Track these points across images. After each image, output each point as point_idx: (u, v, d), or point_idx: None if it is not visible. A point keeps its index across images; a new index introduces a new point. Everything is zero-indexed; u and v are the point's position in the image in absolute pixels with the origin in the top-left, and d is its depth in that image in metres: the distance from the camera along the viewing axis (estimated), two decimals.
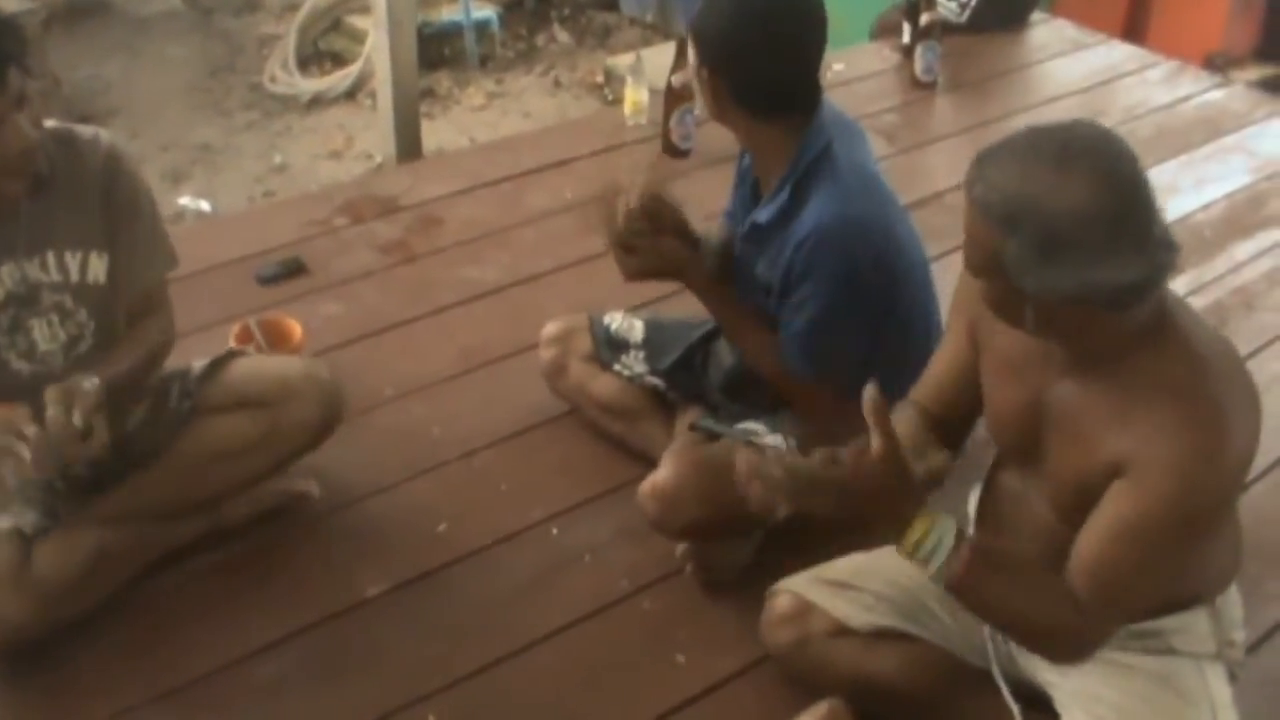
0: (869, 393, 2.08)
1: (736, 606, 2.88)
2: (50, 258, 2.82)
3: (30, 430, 2.60)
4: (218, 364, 3.10)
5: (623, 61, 6.54)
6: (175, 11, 8.43)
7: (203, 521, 3.09)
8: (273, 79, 7.37)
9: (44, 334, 2.86)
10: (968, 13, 5.72)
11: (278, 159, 6.58)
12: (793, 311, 2.78)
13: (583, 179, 4.48)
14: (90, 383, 2.66)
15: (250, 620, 2.92)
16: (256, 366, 3.15)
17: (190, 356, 3.11)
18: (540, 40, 7.69)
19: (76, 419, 2.61)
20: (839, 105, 2.95)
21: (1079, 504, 2.13)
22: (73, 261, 2.84)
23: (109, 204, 2.85)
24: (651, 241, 2.92)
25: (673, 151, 4.63)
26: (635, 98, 4.91)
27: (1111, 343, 2.08)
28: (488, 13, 7.57)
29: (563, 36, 7.71)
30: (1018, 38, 5.93)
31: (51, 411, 2.60)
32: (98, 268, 2.87)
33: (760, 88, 2.75)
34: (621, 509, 3.12)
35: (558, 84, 7.21)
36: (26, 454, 2.60)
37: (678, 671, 2.80)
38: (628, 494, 3.03)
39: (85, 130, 2.86)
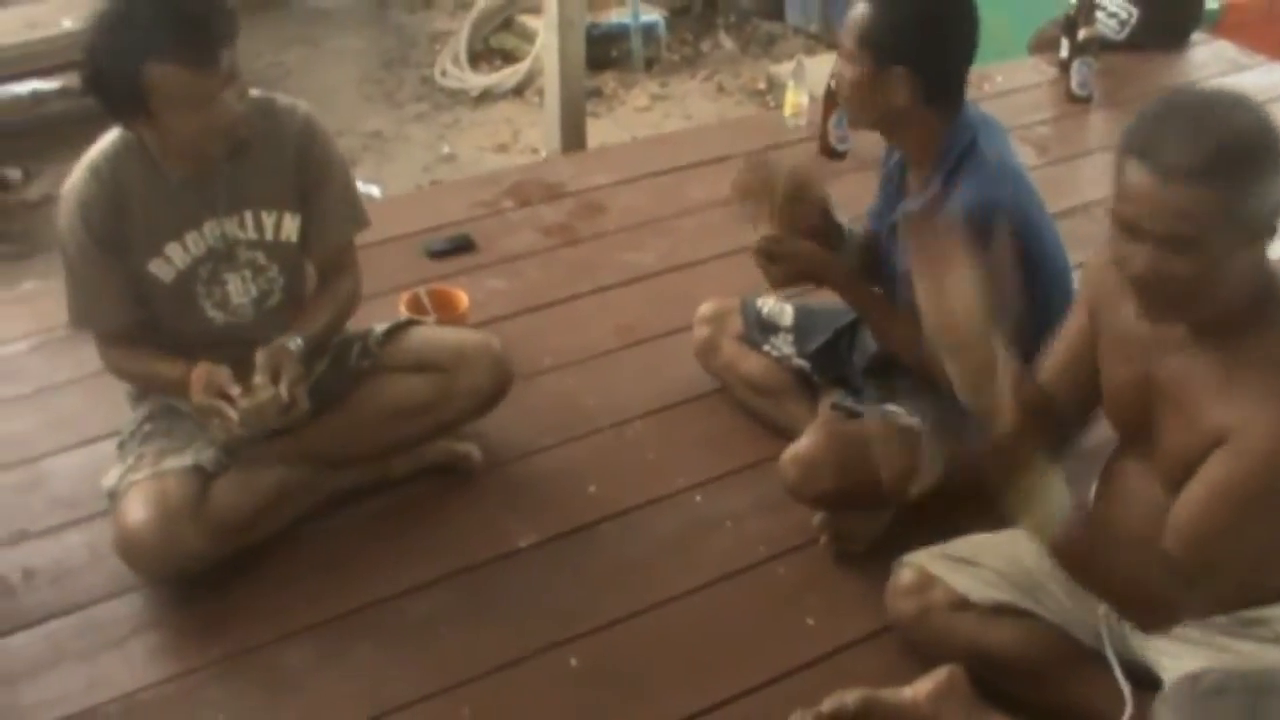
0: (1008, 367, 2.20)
1: (865, 577, 3.01)
2: (248, 216, 3.06)
3: (235, 391, 2.86)
4: (399, 328, 3.33)
5: (785, 69, 6.69)
6: (353, 5, 8.75)
7: (371, 472, 3.31)
8: (444, 73, 7.64)
9: (238, 287, 3.11)
10: (1127, 30, 5.74)
11: (446, 149, 6.84)
12: None
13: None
14: (296, 345, 2.92)
15: (408, 562, 3.14)
16: (435, 334, 3.38)
17: (364, 321, 3.33)
18: (705, 46, 7.85)
19: (283, 390, 2.86)
20: (996, 116, 3.09)
21: (1187, 479, 2.23)
22: (268, 220, 3.08)
23: (304, 168, 3.09)
24: (793, 249, 3.06)
25: (830, 153, 4.77)
26: (795, 100, 5.06)
27: (1222, 315, 2.19)
28: (655, 17, 7.75)
29: (727, 43, 7.86)
30: (1177, 57, 5.92)
31: (259, 379, 2.87)
32: (290, 227, 3.11)
33: (950, 81, 2.90)
34: (762, 482, 3.28)
35: (721, 89, 7.37)
36: (233, 414, 2.86)
37: (806, 633, 2.94)
38: (769, 468, 3.19)
39: (284, 99, 3.11)
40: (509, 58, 7.70)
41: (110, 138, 3.01)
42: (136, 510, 2.97)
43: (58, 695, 2.85)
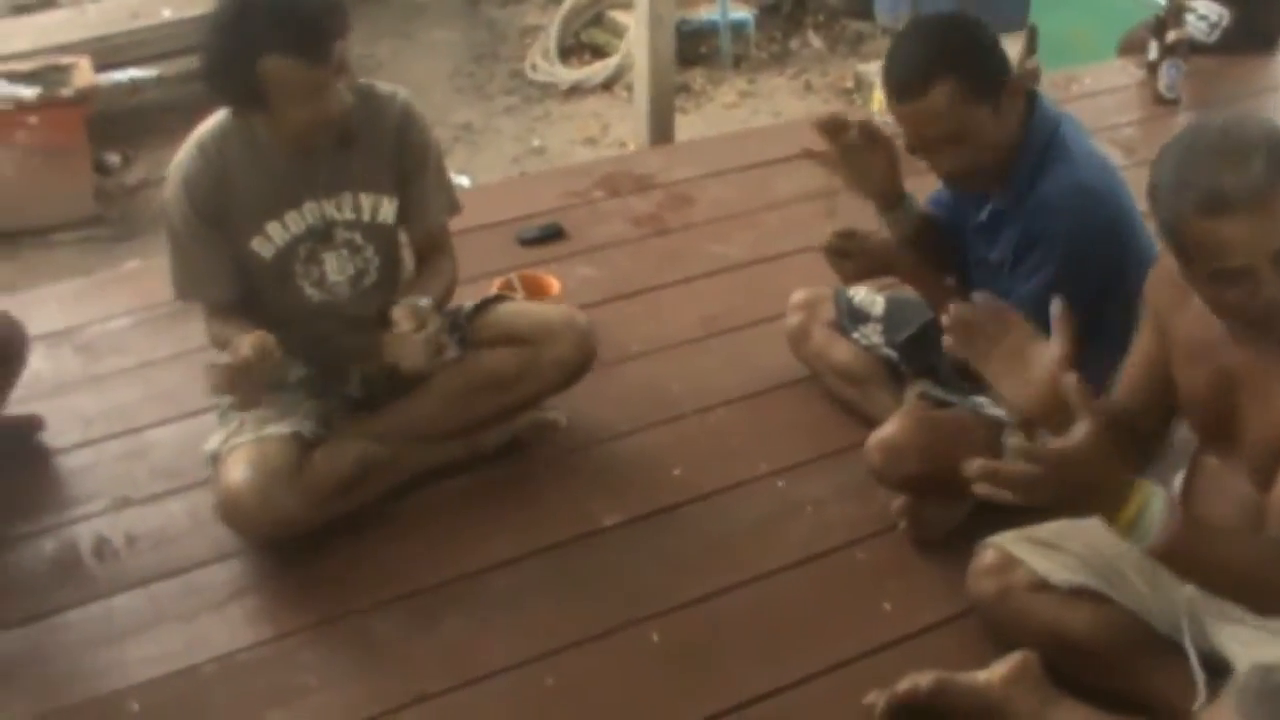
0: (1071, 380, 2.21)
1: (944, 563, 3.06)
2: (346, 198, 3.17)
3: (245, 355, 2.93)
4: (486, 304, 3.43)
5: (873, 68, 6.73)
6: None
7: (461, 446, 3.41)
8: (534, 67, 7.74)
9: (334, 266, 3.22)
10: (1218, 33, 5.71)
11: (535, 142, 6.93)
12: (1022, 279, 2.92)
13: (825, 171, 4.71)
14: (426, 303, 3.01)
15: (496, 537, 3.24)
16: (521, 308, 3.48)
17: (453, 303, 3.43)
18: (794, 44, 7.90)
19: (431, 328, 3.00)
20: (1082, 117, 3.13)
21: (1277, 464, 2.24)
22: (366, 202, 3.19)
23: (401, 153, 3.20)
24: (863, 245, 3.12)
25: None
26: (884, 98, 5.10)
27: None
28: (744, 14, 7.81)
29: (816, 41, 7.90)
30: (1268, 61, 5.91)
31: (405, 327, 2.99)
32: (387, 210, 3.21)
33: (1007, 83, 2.93)
34: (846, 469, 3.35)
35: (808, 87, 7.41)
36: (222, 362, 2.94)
37: (884, 617, 3.00)
38: (853, 456, 3.26)
39: (383, 87, 3.21)
40: (598, 52, 7.78)
41: (218, 117, 3.12)
42: (238, 471, 3.08)
43: (159, 653, 2.97)
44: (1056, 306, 2.29)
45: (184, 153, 3.13)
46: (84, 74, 6.55)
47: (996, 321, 2.40)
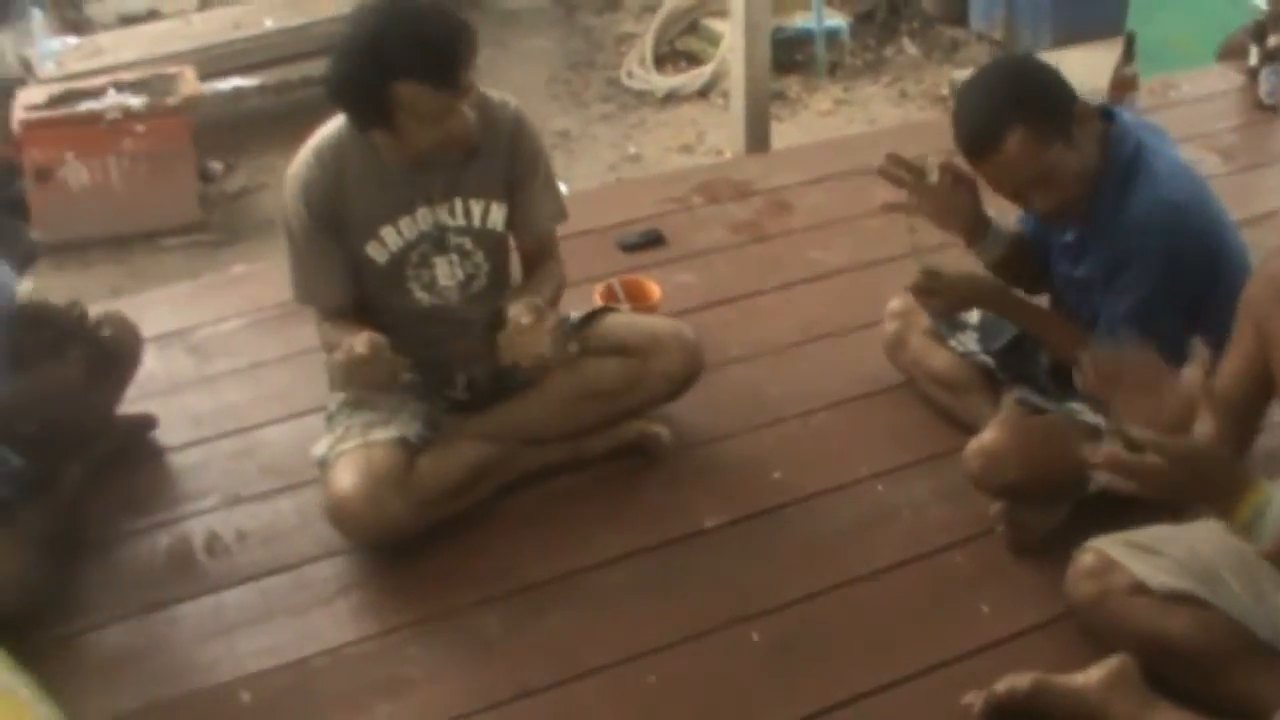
0: (1196, 375, 2.25)
1: (1041, 567, 3.08)
2: (458, 204, 3.24)
3: (360, 351, 3.01)
4: (595, 314, 3.48)
5: (967, 75, 6.73)
6: (541, 7, 8.94)
7: (565, 450, 3.46)
8: (630, 75, 7.80)
9: (445, 271, 3.29)
10: None
11: (631, 149, 6.99)
12: (1115, 298, 2.96)
13: None
14: (539, 299, 3.09)
15: (598, 537, 3.30)
16: (630, 320, 3.54)
17: (561, 309, 3.46)
18: (888, 51, 7.89)
19: (550, 322, 3.06)
20: (1180, 124, 3.13)
21: None
22: (476, 208, 3.26)
23: (513, 161, 3.26)
24: (949, 282, 3.19)
25: None
26: None
27: None
28: (839, 22, 7.82)
29: (910, 49, 7.89)
30: None
31: (527, 320, 3.05)
32: (497, 216, 3.28)
33: (1076, 114, 2.94)
34: (943, 473, 3.38)
35: (903, 95, 7.41)
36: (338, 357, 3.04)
37: (982, 619, 3.02)
38: (950, 461, 3.30)
39: (495, 95, 3.28)
40: (694, 60, 7.82)
41: (334, 125, 3.20)
42: (345, 477, 3.16)
43: (270, 646, 3.06)
44: (1198, 351, 2.32)
45: (300, 160, 3.21)
46: (189, 83, 6.69)
47: (1139, 370, 2.43)
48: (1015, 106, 2.86)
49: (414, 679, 2.95)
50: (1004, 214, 3.28)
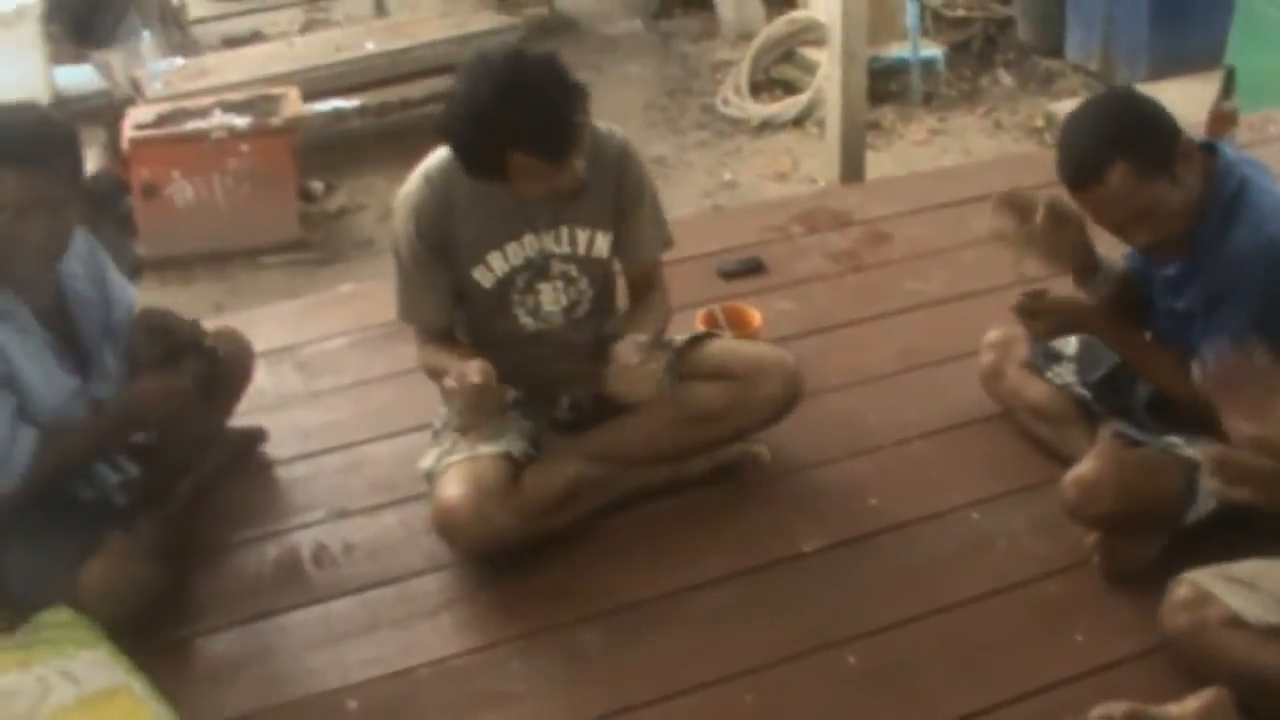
0: None
1: (1136, 598, 3.09)
2: (564, 232, 3.31)
3: (472, 380, 3.09)
4: (698, 339, 3.54)
5: (1064, 107, 6.74)
6: (638, 33, 9.04)
7: (666, 471, 3.53)
8: (725, 102, 7.87)
9: (549, 296, 3.36)
10: None
11: (727, 176, 7.05)
12: (1215, 329, 2.96)
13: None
14: (645, 338, 3.17)
15: (698, 558, 3.36)
16: (733, 346, 3.59)
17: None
18: (984, 82, 7.90)
19: (653, 365, 3.14)
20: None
21: None
22: (582, 236, 3.33)
23: (619, 190, 3.34)
24: (1053, 305, 3.21)
25: None
26: None
27: None
28: (934, 52, 7.84)
29: (1006, 79, 7.89)
30: None
31: (633, 360, 3.14)
32: (602, 244, 3.35)
33: (1179, 149, 2.97)
34: (1038, 503, 3.40)
35: (998, 126, 7.42)
36: (451, 385, 3.13)
37: (1076, 648, 3.04)
38: (1045, 491, 3.33)
39: (602, 126, 3.34)
40: (789, 88, 7.87)
41: (446, 151, 3.27)
42: (453, 488, 3.24)
43: (375, 656, 3.15)
44: None
45: (412, 183, 3.30)
46: (292, 104, 6.81)
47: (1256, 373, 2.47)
48: (1119, 141, 2.90)
49: (516, 693, 3.02)
50: (1111, 248, 3.29)
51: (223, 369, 3.44)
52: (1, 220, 3.00)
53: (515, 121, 2.99)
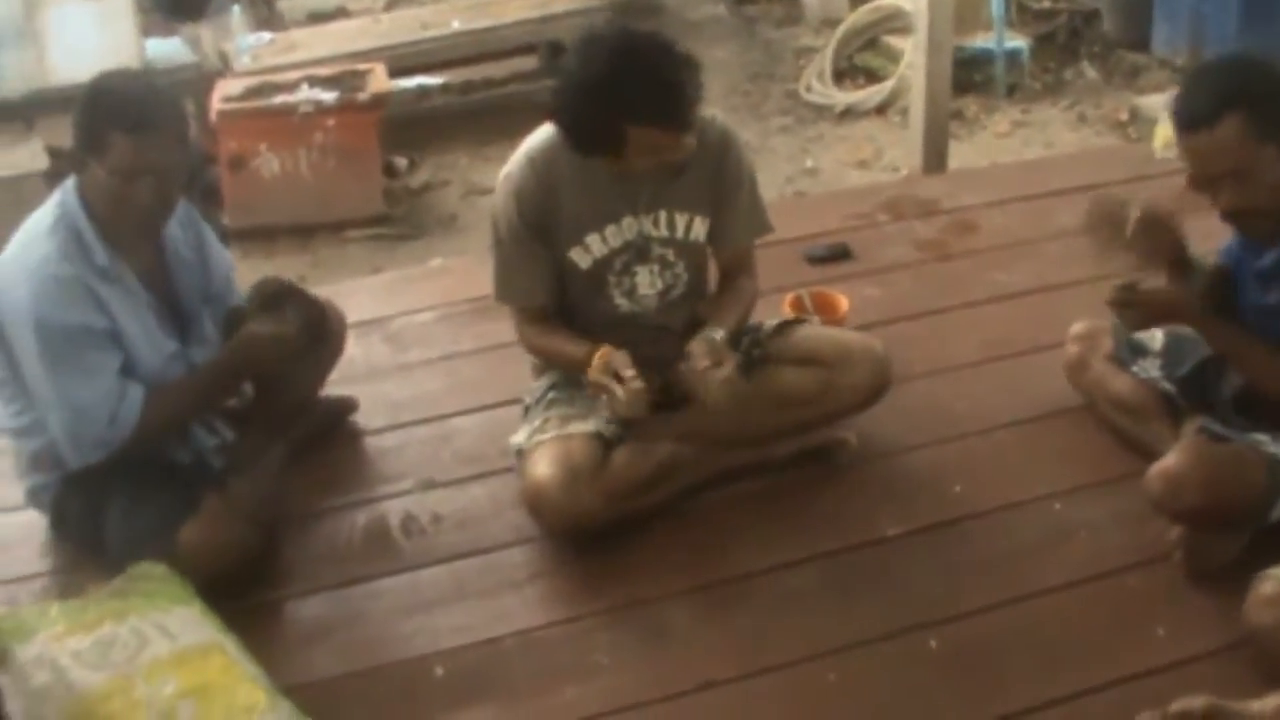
0: None
1: (1218, 593, 3.09)
2: (662, 215, 3.36)
3: (628, 374, 3.17)
4: (788, 325, 3.58)
5: (1150, 101, 6.72)
6: (721, 18, 9.05)
7: (753, 454, 3.56)
8: (808, 88, 7.87)
9: (646, 279, 3.41)
10: None
11: (809, 163, 7.07)
12: None
13: None
14: (720, 336, 3.22)
15: (782, 540, 3.39)
16: (822, 332, 3.63)
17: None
18: (1068, 74, 7.85)
19: (726, 371, 3.18)
20: None
21: None
22: (680, 221, 3.37)
23: (719, 176, 3.38)
24: (1148, 296, 3.22)
25: None
26: (1167, 133, 5.12)
27: None
28: (1019, 43, 7.80)
29: (1090, 72, 7.85)
30: None
31: (703, 364, 3.19)
32: (700, 229, 3.40)
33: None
34: (1121, 497, 3.41)
35: (1082, 119, 7.38)
36: (619, 393, 3.15)
37: (1156, 642, 3.05)
38: (1128, 485, 3.33)
39: (704, 113, 3.37)
40: (872, 76, 7.87)
41: (547, 130, 3.33)
42: (543, 466, 3.29)
43: (463, 624, 3.21)
44: None
45: (514, 164, 3.35)
46: (379, 80, 6.89)
47: None
48: (1241, 94, 2.90)
49: (600, 665, 3.07)
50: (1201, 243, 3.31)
51: (324, 313, 3.50)
52: (110, 184, 3.09)
53: (636, 94, 3.05)
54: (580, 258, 3.36)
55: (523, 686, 3.04)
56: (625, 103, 3.06)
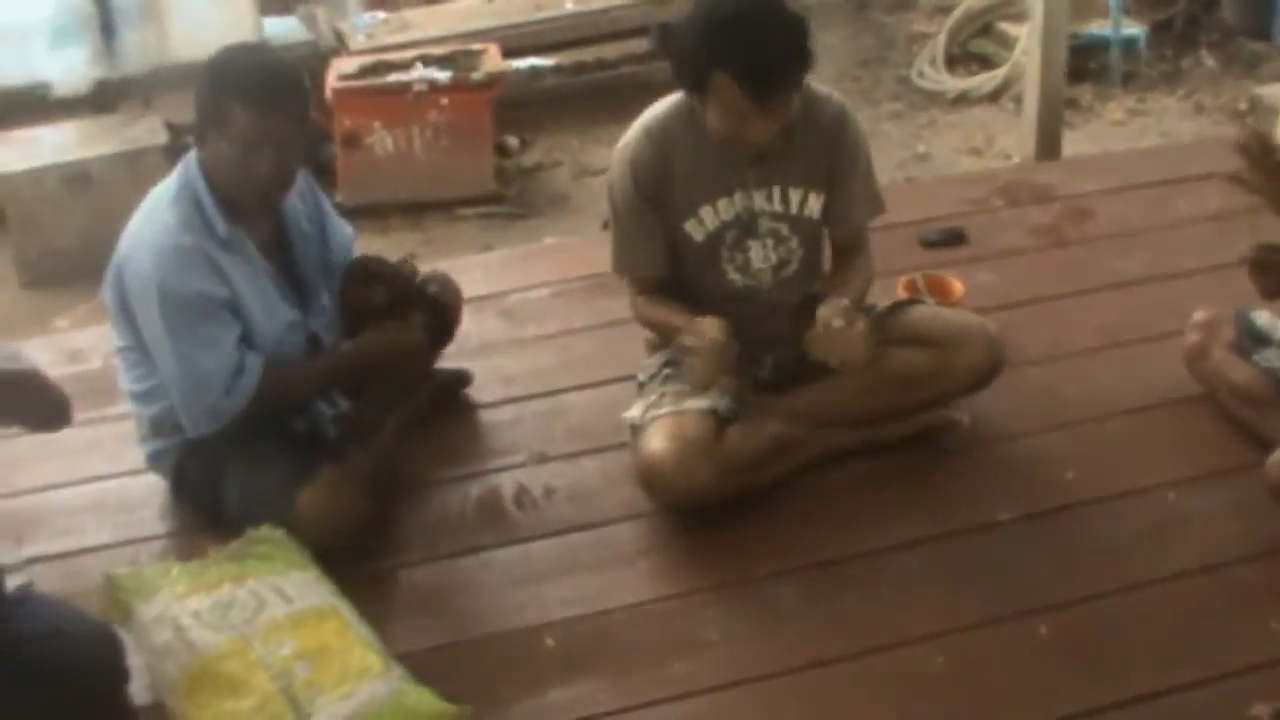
0: None
1: None
2: (775, 191, 3.37)
3: (715, 337, 3.19)
4: (901, 305, 3.58)
5: (1271, 91, 6.63)
6: (834, 3, 8.98)
7: (864, 433, 3.57)
8: (920, 74, 7.82)
9: (759, 254, 3.43)
10: None
11: (920, 149, 7.03)
12: None
13: (1227, 193, 4.69)
14: (847, 302, 3.22)
15: (894, 521, 3.40)
16: (936, 313, 3.63)
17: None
18: (1185, 63, 7.74)
19: (861, 326, 3.18)
20: None
21: None
22: (794, 196, 3.39)
23: (835, 153, 3.39)
24: None
25: None
26: None
27: None
28: (1136, 31, 7.69)
29: (1209, 61, 7.73)
30: None
31: (838, 323, 3.19)
32: (814, 205, 3.41)
33: None
34: (1238, 487, 3.39)
35: (1199, 108, 7.28)
36: (700, 351, 3.19)
37: (1271, 635, 3.02)
38: (1246, 476, 3.33)
39: (821, 88, 3.41)
40: (986, 63, 7.80)
41: (666, 103, 3.38)
42: (658, 441, 3.32)
43: (574, 596, 3.24)
44: None
45: (631, 136, 3.38)
46: (493, 60, 6.93)
47: None
48: None
49: (710, 640, 3.10)
50: None
51: (441, 313, 3.56)
52: (231, 156, 3.15)
53: (732, 40, 3.09)
54: (694, 230, 3.38)
55: (632, 659, 3.07)
56: (719, 46, 3.10)
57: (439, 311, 3.56)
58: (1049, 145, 5.84)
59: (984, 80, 7.59)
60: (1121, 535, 3.34)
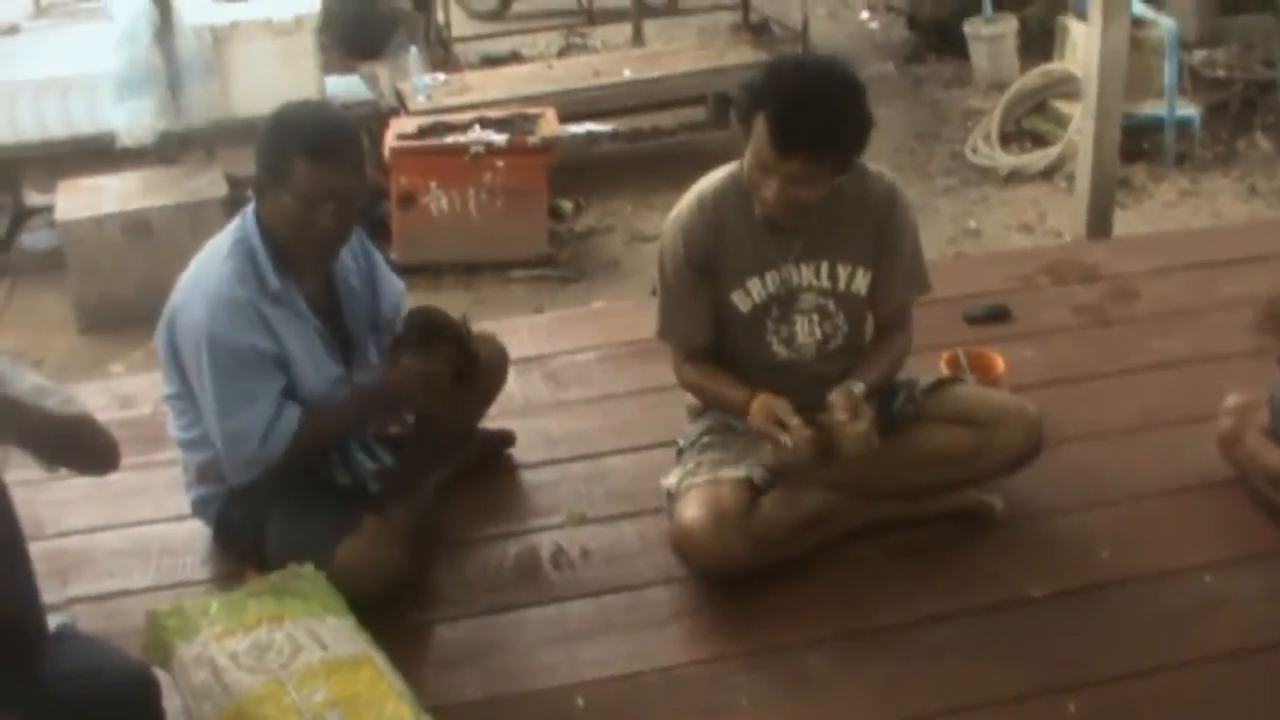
0: None
1: None
2: (823, 266, 3.41)
3: (793, 422, 3.21)
4: (943, 383, 3.61)
5: None
6: (890, 77, 9.11)
7: (901, 507, 3.58)
8: (974, 150, 7.88)
9: (804, 328, 3.46)
10: None
11: (972, 224, 7.08)
12: None
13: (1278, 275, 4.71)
14: (859, 389, 3.27)
15: (925, 594, 3.40)
16: (977, 392, 3.65)
17: (904, 372, 3.63)
18: (1240, 145, 7.74)
19: (862, 426, 3.19)
20: None
21: None
22: (842, 272, 3.42)
23: (883, 231, 3.43)
24: None
25: None
26: None
27: None
28: (1191, 112, 7.72)
29: (1264, 143, 7.73)
30: None
31: (841, 417, 3.22)
32: (861, 281, 3.44)
33: None
34: (1273, 572, 3.39)
35: (1253, 191, 7.29)
36: (786, 441, 3.20)
37: None
38: None
39: (872, 167, 3.45)
40: (1039, 140, 7.85)
41: (720, 173, 3.43)
42: (693, 509, 3.35)
43: (606, 657, 3.26)
44: None
45: (685, 204, 3.43)
46: (550, 124, 7.03)
47: None
48: None
49: (739, 706, 3.11)
50: None
51: (477, 359, 3.60)
52: (292, 209, 3.21)
53: (778, 87, 3.16)
54: (741, 301, 3.42)
55: None
56: (767, 83, 3.17)
57: (470, 358, 3.58)
58: (1100, 224, 5.85)
59: (1037, 158, 7.64)
60: (1155, 616, 3.33)
